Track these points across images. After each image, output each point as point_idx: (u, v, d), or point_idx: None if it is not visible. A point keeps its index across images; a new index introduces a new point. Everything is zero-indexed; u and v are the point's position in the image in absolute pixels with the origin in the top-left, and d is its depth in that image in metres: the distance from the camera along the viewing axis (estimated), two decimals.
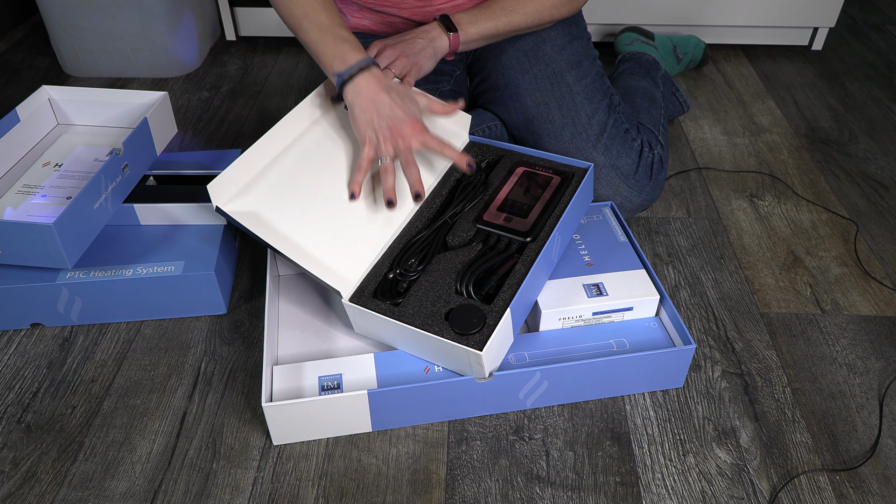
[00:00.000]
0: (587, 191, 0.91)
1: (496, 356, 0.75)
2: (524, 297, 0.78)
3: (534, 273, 0.79)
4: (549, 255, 0.82)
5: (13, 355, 0.87)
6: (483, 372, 0.74)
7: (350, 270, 0.80)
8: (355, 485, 0.73)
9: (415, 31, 0.93)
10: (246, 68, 1.57)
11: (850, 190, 1.18)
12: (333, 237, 0.82)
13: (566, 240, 0.88)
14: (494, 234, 0.85)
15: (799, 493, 0.73)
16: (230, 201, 0.80)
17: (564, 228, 0.86)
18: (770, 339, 0.90)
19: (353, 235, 0.83)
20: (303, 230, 0.81)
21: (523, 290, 0.77)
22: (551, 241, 0.82)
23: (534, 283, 0.80)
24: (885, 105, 1.44)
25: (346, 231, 0.83)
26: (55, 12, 1.42)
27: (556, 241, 0.84)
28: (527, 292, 0.78)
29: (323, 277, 0.78)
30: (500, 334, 0.74)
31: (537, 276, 0.80)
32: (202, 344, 0.89)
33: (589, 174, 0.91)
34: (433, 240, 0.85)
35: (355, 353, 0.84)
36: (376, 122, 0.82)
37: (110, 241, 0.93)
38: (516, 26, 0.96)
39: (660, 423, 0.80)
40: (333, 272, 0.79)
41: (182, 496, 0.72)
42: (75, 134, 1.07)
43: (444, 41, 0.92)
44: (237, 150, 1.07)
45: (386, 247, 0.84)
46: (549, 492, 0.72)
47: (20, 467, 0.75)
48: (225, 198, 0.80)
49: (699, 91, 1.48)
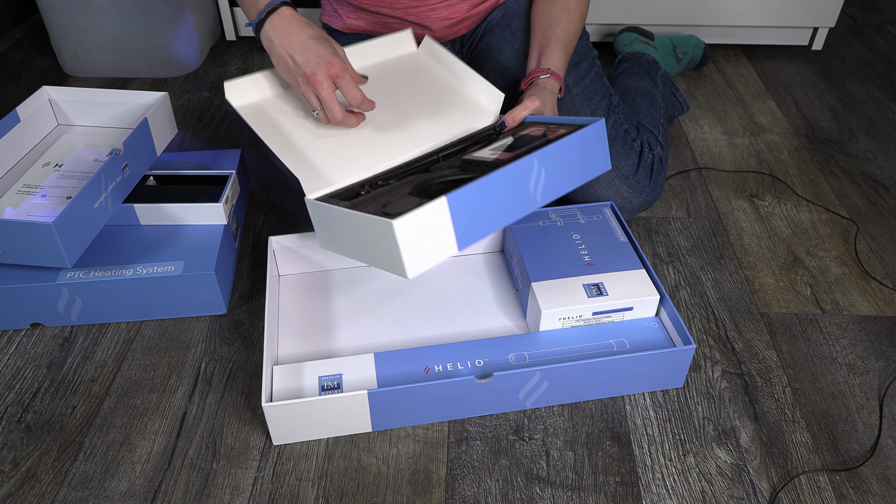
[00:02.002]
0: (596, 146, 0.81)
1: (421, 247, 0.67)
2: (476, 201, 0.70)
3: (494, 181, 0.70)
4: (522, 178, 0.73)
5: (13, 355, 0.87)
6: (401, 256, 0.66)
7: (325, 179, 0.84)
8: (355, 485, 0.73)
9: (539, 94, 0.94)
10: (246, 68, 1.56)
11: (850, 190, 1.18)
12: (325, 152, 0.86)
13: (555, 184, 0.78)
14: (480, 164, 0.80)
15: (799, 493, 0.73)
16: (241, 98, 0.89)
17: (550, 163, 0.76)
18: (770, 339, 0.90)
19: (345, 156, 0.87)
20: (297, 139, 0.87)
21: (473, 191, 0.69)
22: (527, 163, 0.73)
23: (493, 193, 0.71)
24: (885, 105, 1.44)
25: (340, 151, 0.87)
26: (55, 12, 1.42)
27: (536, 169, 0.75)
28: (480, 198, 0.70)
29: (297, 174, 0.82)
30: (426, 218, 0.66)
31: (500, 190, 0.72)
32: (202, 344, 0.89)
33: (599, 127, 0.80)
34: (415, 170, 0.85)
35: (355, 353, 0.84)
36: (293, 68, 0.83)
37: (110, 241, 0.93)
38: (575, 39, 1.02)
39: (660, 423, 0.80)
40: (309, 173, 0.84)
41: (182, 496, 0.72)
42: (75, 134, 1.07)
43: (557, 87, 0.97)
44: (237, 150, 1.07)
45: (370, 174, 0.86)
46: (549, 492, 0.72)
47: (20, 467, 0.75)
48: (237, 95, 0.89)
49: (699, 91, 1.48)
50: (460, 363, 0.80)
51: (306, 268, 0.96)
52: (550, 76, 0.96)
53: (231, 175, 1.00)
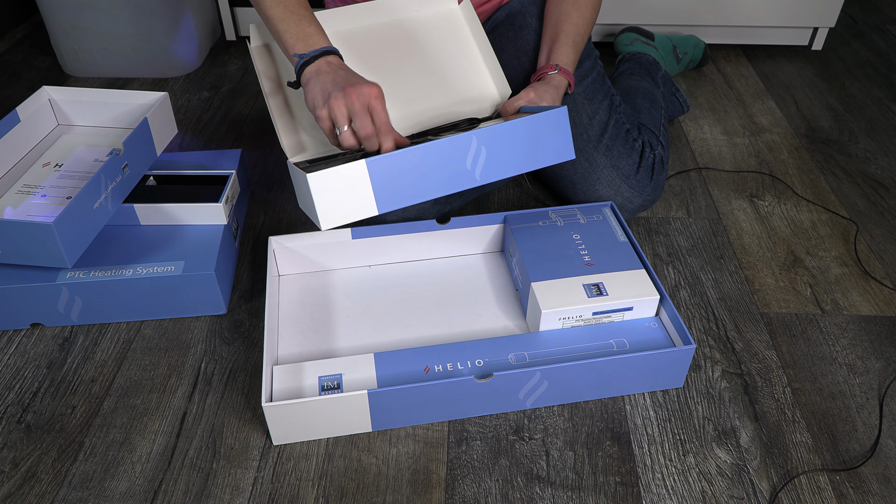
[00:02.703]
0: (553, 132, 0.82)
1: (336, 202, 0.75)
2: (398, 168, 0.75)
3: (421, 152, 0.75)
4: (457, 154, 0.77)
5: (13, 355, 0.87)
6: (314, 208, 0.74)
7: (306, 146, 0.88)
8: (355, 485, 0.73)
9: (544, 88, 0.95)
10: (246, 68, 1.56)
11: (850, 190, 1.18)
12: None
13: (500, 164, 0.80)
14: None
15: (799, 493, 0.73)
16: (258, 47, 0.93)
17: (493, 143, 0.79)
18: (770, 339, 0.90)
19: None
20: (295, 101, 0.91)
21: (394, 158, 0.75)
22: (463, 139, 0.77)
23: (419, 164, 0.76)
24: (885, 105, 1.44)
25: None
26: (55, 12, 1.42)
27: (474, 147, 0.78)
28: (404, 166, 0.75)
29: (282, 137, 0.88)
30: (343, 178, 0.74)
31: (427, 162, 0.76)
32: (202, 344, 0.89)
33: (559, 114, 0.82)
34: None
35: (355, 353, 0.84)
36: (330, 87, 0.78)
37: (110, 241, 0.93)
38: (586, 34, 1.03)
39: (660, 423, 0.80)
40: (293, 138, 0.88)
41: (182, 496, 0.72)
42: (75, 134, 1.07)
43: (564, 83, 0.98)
44: (237, 151, 1.07)
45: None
46: (549, 492, 0.72)
47: (20, 467, 0.75)
48: (257, 42, 0.93)
49: (699, 91, 1.48)
50: (460, 363, 0.80)
51: (306, 268, 0.96)
52: (559, 72, 0.96)
53: (231, 175, 1.00)
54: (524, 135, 0.80)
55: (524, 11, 1.08)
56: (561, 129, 0.83)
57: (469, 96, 0.98)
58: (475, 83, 0.98)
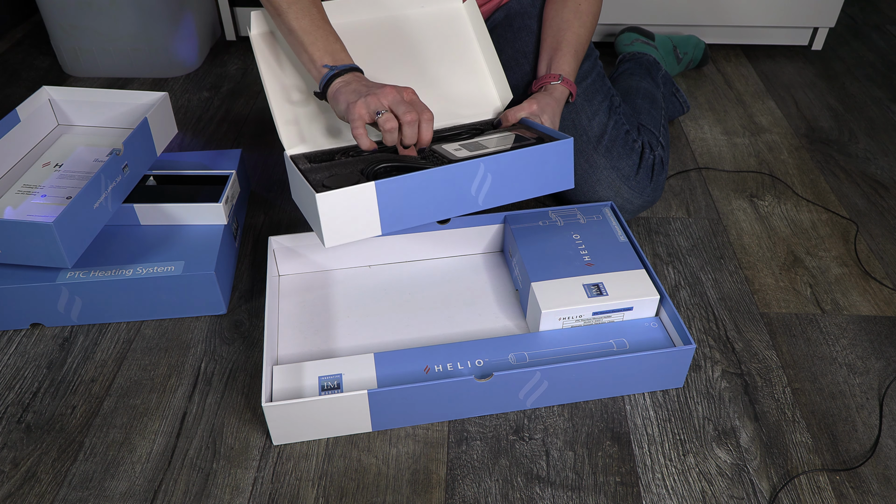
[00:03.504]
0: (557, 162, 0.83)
1: (342, 222, 0.75)
2: (406, 192, 0.76)
3: (429, 177, 0.75)
4: (464, 179, 0.78)
5: (13, 355, 0.87)
6: (320, 226, 0.74)
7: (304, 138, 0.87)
8: (355, 485, 0.73)
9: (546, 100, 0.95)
10: (246, 68, 1.57)
11: (850, 190, 1.18)
12: (315, 112, 0.89)
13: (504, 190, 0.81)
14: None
15: (799, 493, 0.73)
16: (261, 34, 0.91)
17: (500, 170, 0.79)
18: (770, 339, 0.90)
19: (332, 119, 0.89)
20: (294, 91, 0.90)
21: (404, 182, 0.75)
22: (471, 166, 0.77)
23: (427, 189, 0.76)
24: (885, 105, 1.44)
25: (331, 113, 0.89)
26: (55, 12, 1.42)
27: (481, 174, 0.79)
28: (412, 190, 0.76)
29: (280, 128, 0.87)
30: (350, 198, 0.74)
31: (435, 187, 0.77)
32: (202, 344, 0.89)
33: (565, 145, 0.82)
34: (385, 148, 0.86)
35: (355, 353, 0.84)
36: (365, 90, 0.79)
37: (110, 241, 0.93)
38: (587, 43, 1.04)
39: (660, 423, 0.80)
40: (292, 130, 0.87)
41: (182, 496, 0.72)
42: (75, 134, 1.07)
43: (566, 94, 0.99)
44: (237, 151, 1.07)
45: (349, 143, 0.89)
46: (549, 492, 0.72)
47: (20, 467, 0.75)
48: (258, 29, 0.91)
49: (699, 91, 1.48)
50: (460, 363, 0.80)
51: (306, 268, 0.96)
52: (561, 83, 0.96)
53: (231, 175, 1.00)
54: (530, 164, 0.81)
55: (524, 13, 1.08)
56: (565, 160, 0.83)
57: (469, 100, 0.97)
58: (476, 87, 0.98)
